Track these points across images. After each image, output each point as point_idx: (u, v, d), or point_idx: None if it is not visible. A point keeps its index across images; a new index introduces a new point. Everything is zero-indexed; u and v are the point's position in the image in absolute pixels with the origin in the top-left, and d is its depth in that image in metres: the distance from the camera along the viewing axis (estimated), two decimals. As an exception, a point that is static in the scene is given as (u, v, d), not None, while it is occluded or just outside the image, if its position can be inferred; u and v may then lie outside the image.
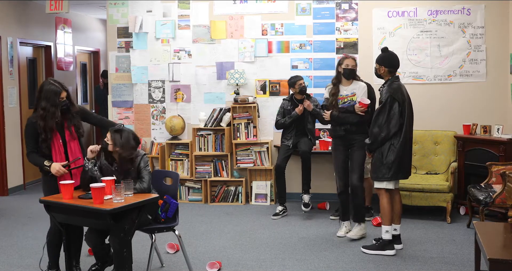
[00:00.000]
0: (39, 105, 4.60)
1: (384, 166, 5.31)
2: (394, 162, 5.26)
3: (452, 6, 7.36)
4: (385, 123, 5.26)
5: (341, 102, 5.90)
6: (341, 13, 7.62)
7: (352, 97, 5.88)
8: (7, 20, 8.55)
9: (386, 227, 5.41)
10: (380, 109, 5.33)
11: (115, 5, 8.11)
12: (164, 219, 4.76)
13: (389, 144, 5.28)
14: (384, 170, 5.32)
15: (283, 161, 6.91)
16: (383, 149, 5.31)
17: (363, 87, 5.96)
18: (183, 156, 7.84)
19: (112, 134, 4.57)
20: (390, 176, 5.31)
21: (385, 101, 5.29)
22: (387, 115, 5.26)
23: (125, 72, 8.16)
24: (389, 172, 5.30)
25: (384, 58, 5.47)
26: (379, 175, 5.36)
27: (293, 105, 7.01)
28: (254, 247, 5.70)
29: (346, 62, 5.91)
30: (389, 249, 5.38)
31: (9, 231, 6.46)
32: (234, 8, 7.83)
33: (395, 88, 5.30)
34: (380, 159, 5.33)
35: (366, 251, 5.45)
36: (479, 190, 5.90)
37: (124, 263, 4.21)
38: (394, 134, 5.25)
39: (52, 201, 4.39)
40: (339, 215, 6.21)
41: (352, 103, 5.82)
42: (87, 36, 11.30)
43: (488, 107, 7.32)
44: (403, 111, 5.26)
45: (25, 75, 9.19)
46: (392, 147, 5.27)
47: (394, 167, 5.28)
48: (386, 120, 5.26)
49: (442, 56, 7.41)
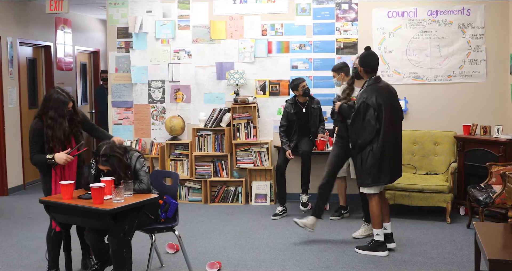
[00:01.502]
0: (46, 115, 4.67)
1: (364, 172, 5.31)
2: (372, 167, 5.24)
3: (452, 6, 7.36)
4: (360, 130, 5.23)
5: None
6: (341, 13, 7.62)
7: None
8: (7, 20, 8.55)
9: (377, 230, 5.42)
10: (354, 117, 5.28)
11: (115, 5, 8.11)
12: (164, 219, 4.76)
13: (368, 150, 5.24)
14: (364, 176, 5.32)
15: (284, 161, 6.91)
16: (363, 155, 5.28)
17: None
18: (183, 156, 7.84)
19: (106, 165, 4.54)
20: (370, 182, 5.30)
21: (357, 107, 5.24)
22: (361, 122, 5.21)
23: (125, 72, 8.16)
24: (368, 178, 5.29)
25: (361, 58, 5.40)
26: (361, 181, 5.37)
27: (296, 109, 7.00)
28: (254, 247, 5.70)
29: None
30: (382, 250, 5.39)
31: (8, 231, 6.46)
32: (234, 8, 7.83)
33: (368, 93, 5.21)
34: (360, 165, 5.32)
35: (359, 251, 5.47)
36: (479, 191, 5.90)
37: (124, 263, 4.21)
38: (371, 141, 5.20)
39: (52, 201, 4.39)
40: (314, 207, 6.04)
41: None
42: (87, 36, 11.30)
43: (488, 107, 7.32)
44: (380, 116, 5.17)
45: (25, 76, 9.19)
46: (370, 152, 5.23)
47: (373, 173, 5.26)
48: (361, 127, 5.22)
49: (442, 56, 7.41)
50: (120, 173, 4.51)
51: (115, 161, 4.52)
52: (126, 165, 4.59)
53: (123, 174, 4.52)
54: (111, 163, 4.51)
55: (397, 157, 5.44)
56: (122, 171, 4.53)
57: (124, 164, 4.57)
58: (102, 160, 4.51)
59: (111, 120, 8.20)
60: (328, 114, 7.53)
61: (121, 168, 4.53)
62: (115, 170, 4.52)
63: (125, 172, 4.55)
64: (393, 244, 5.56)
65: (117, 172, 4.51)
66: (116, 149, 4.59)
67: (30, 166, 8.86)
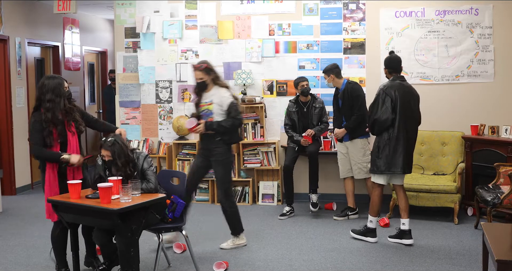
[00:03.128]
0: (43, 101, 4.62)
1: (379, 159, 5.63)
2: (387, 155, 5.57)
3: (460, 6, 7.34)
4: (377, 116, 5.54)
5: (200, 110, 5.61)
6: (349, 13, 7.61)
7: (208, 107, 5.52)
8: (15, 20, 8.58)
9: (371, 217, 5.80)
10: (372, 104, 5.66)
11: (123, 5, 8.13)
12: (171, 219, 4.77)
13: (386, 138, 5.57)
14: (378, 163, 5.63)
15: (291, 161, 6.90)
16: (380, 142, 5.64)
17: (221, 97, 5.50)
18: (190, 156, 7.84)
19: (107, 148, 4.59)
20: (384, 169, 5.60)
21: (377, 96, 5.63)
22: (379, 109, 5.56)
23: (132, 72, 8.18)
24: (383, 165, 5.60)
25: (385, 61, 5.85)
26: (373, 168, 5.71)
27: (298, 108, 7.00)
28: (261, 247, 5.70)
29: (195, 75, 5.64)
30: (371, 236, 5.81)
31: (16, 230, 6.49)
32: (241, 8, 7.83)
33: (388, 86, 5.62)
34: (377, 151, 5.65)
35: (352, 234, 5.95)
36: (487, 191, 5.88)
37: (131, 263, 4.22)
38: (386, 129, 5.56)
39: (60, 200, 4.40)
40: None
41: (208, 113, 5.51)
42: (94, 37, 11.33)
43: (496, 108, 7.29)
44: (395, 108, 5.53)
45: (33, 75, 9.22)
46: (387, 141, 5.57)
47: (387, 160, 5.58)
48: (376, 111, 5.56)
49: (450, 56, 7.38)
50: (118, 163, 4.54)
51: (117, 148, 4.56)
52: (128, 158, 4.60)
53: (121, 164, 4.55)
54: (112, 149, 4.55)
55: (409, 152, 5.65)
56: (121, 161, 4.55)
57: (125, 155, 4.59)
58: (106, 143, 4.57)
59: (118, 120, 8.22)
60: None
61: (121, 157, 4.56)
62: (114, 157, 4.55)
63: (124, 164, 4.56)
64: (411, 240, 5.71)
65: (115, 161, 4.54)
66: (122, 140, 4.67)
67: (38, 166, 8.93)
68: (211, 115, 5.49)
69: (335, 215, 6.84)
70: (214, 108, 5.48)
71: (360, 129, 6.65)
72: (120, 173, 4.53)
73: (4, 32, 8.27)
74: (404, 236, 5.74)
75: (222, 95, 5.50)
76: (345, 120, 6.67)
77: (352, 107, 6.58)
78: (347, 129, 6.62)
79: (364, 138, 6.70)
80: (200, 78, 5.55)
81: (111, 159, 4.58)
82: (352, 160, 6.73)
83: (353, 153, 6.70)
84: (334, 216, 6.81)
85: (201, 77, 5.54)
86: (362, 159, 6.65)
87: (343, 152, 6.81)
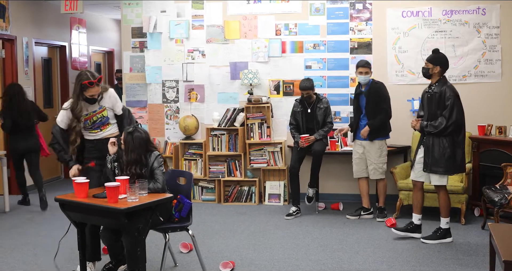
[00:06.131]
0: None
1: (449, 160, 5.59)
2: (458, 156, 5.61)
3: (467, 6, 7.32)
4: (456, 118, 5.54)
5: (89, 123, 5.03)
6: (355, 13, 7.60)
7: (102, 113, 5.08)
8: (23, 20, 8.61)
9: (446, 219, 5.80)
10: (451, 107, 5.53)
11: (129, 5, 8.14)
12: (177, 219, 4.77)
13: (451, 139, 5.57)
14: (449, 165, 5.60)
15: (297, 161, 6.90)
16: (446, 144, 5.57)
17: (109, 96, 5.14)
18: (196, 156, 7.85)
19: (125, 135, 4.61)
20: (455, 169, 5.67)
21: (453, 98, 5.54)
22: (456, 111, 5.53)
23: (139, 72, 8.20)
24: (453, 166, 5.62)
25: (440, 59, 5.69)
26: (442, 169, 5.63)
27: (302, 108, 7.00)
28: (268, 247, 5.70)
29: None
30: (448, 237, 5.79)
31: (23, 230, 6.51)
32: (248, 8, 7.83)
33: (453, 88, 5.63)
34: (446, 154, 5.58)
35: (428, 241, 5.77)
36: (494, 191, 5.86)
37: (138, 263, 4.22)
38: (460, 129, 5.60)
39: (67, 199, 4.41)
40: None
41: (104, 120, 5.07)
42: (101, 36, 11.36)
43: (504, 108, 7.26)
44: (463, 109, 5.63)
45: (40, 75, 9.26)
46: (455, 142, 5.59)
47: (457, 161, 5.62)
48: (456, 115, 5.53)
49: (457, 56, 7.36)
50: (131, 154, 4.56)
51: (137, 141, 4.59)
52: (138, 158, 4.59)
53: (133, 156, 4.57)
54: (129, 139, 4.58)
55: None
56: (134, 155, 4.56)
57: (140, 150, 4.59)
58: (129, 130, 4.61)
59: (125, 120, 8.23)
60: (343, 115, 7.57)
61: (134, 150, 4.57)
62: (128, 147, 4.57)
63: (135, 160, 4.57)
64: (419, 235, 5.86)
65: (128, 152, 4.57)
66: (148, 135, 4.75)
67: (45, 165, 8.94)
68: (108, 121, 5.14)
69: (348, 214, 6.82)
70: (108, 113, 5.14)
71: (383, 130, 6.64)
72: (130, 169, 4.54)
73: (12, 32, 8.31)
74: (416, 230, 5.89)
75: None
76: (367, 119, 6.63)
77: (376, 106, 6.54)
78: (370, 127, 6.57)
79: (384, 139, 6.69)
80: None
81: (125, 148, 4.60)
82: (368, 160, 6.70)
83: (370, 153, 6.67)
84: (347, 215, 6.80)
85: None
86: (378, 159, 6.62)
87: (360, 151, 6.76)
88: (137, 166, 4.57)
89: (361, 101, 6.69)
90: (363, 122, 6.68)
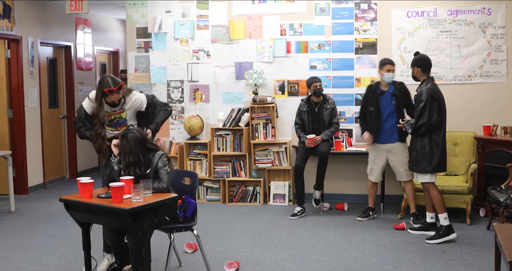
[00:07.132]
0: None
1: (424, 159, 5.76)
2: (435, 155, 5.72)
3: (472, 6, 7.30)
4: (427, 119, 5.68)
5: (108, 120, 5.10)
6: (360, 13, 7.59)
7: (121, 114, 5.14)
8: (28, 20, 8.64)
9: (443, 214, 5.81)
10: (422, 108, 5.68)
11: (134, 5, 8.15)
12: (182, 219, 4.78)
13: (429, 139, 5.73)
14: (424, 164, 5.77)
15: (302, 161, 6.90)
16: (424, 143, 5.75)
17: (134, 100, 5.15)
18: (201, 156, 7.86)
19: (120, 140, 4.61)
20: (432, 168, 5.76)
21: (425, 100, 5.68)
22: (428, 112, 5.67)
23: (144, 72, 8.21)
24: (430, 165, 5.75)
25: (416, 60, 5.91)
26: (420, 168, 5.82)
27: (309, 108, 6.99)
28: (272, 247, 5.70)
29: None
30: (451, 233, 5.80)
31: (29, 229, 6.53)
32: (253, 8, 7.83)
33: (432, 88, 5.74)
34: (422, 153, 5.76)
35: (430, 241, 5.79)
36: (499, 192, 5.85)
37: (143, 262, 4.23)
38: (435, 130, 5.71)
39: (72, 199, 4.42)
40: None
41: (121, 121, 5.17)
42: (106, 37, 11.38)
43: (509, 108, 7.24)
44: (441, 109, 5.72)
45: (45, 75, 9.28)
46: (433, 141, 5.73)
47: (435, 161, 5.73)
48: (428, 117, 5.67)
49: (462, 56, 7.35)
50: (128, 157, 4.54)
51: (133, 141, 4.56)
52: (137, 158, 4.58)
53: (131, 158, 4.54)
54: (124, 142, 4.56)
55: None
56: (131, 157, 4.54)
57: (136, 150, 4.56)
58: (122, 134, 4.63)
59: (130, 120, 8.24)
60: (347, 115, 7.55)
61: (131, 152, 4.54)
62: (124, 150, 4.56)
63: (133, 161, 4.55)
64: (434, 232, 5.91)
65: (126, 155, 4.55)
66: (144, 134, 4.72)
67: (51, 165, 8.98)
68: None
69: (358, 216, 6.78)
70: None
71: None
72: (130, 172, 4.54)
73: (17, 32, 8.33)
74: (430, 228, 6.03)
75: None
76: (392, 120, 6.41)
77: (408, 106, 6.42)
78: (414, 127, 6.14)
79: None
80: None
81: (121, 151, 4.59)
82: (397, 163, 6.48)
83: (398, 155, 6.49)
84: (358, 218, 6.74)
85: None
86: (406, 160, 6.49)
87: (383, 156, 6.57)
88: (136, 167, 4.55)
89: (382, 102, 6.46)
90: (388, 125, 6.45)
